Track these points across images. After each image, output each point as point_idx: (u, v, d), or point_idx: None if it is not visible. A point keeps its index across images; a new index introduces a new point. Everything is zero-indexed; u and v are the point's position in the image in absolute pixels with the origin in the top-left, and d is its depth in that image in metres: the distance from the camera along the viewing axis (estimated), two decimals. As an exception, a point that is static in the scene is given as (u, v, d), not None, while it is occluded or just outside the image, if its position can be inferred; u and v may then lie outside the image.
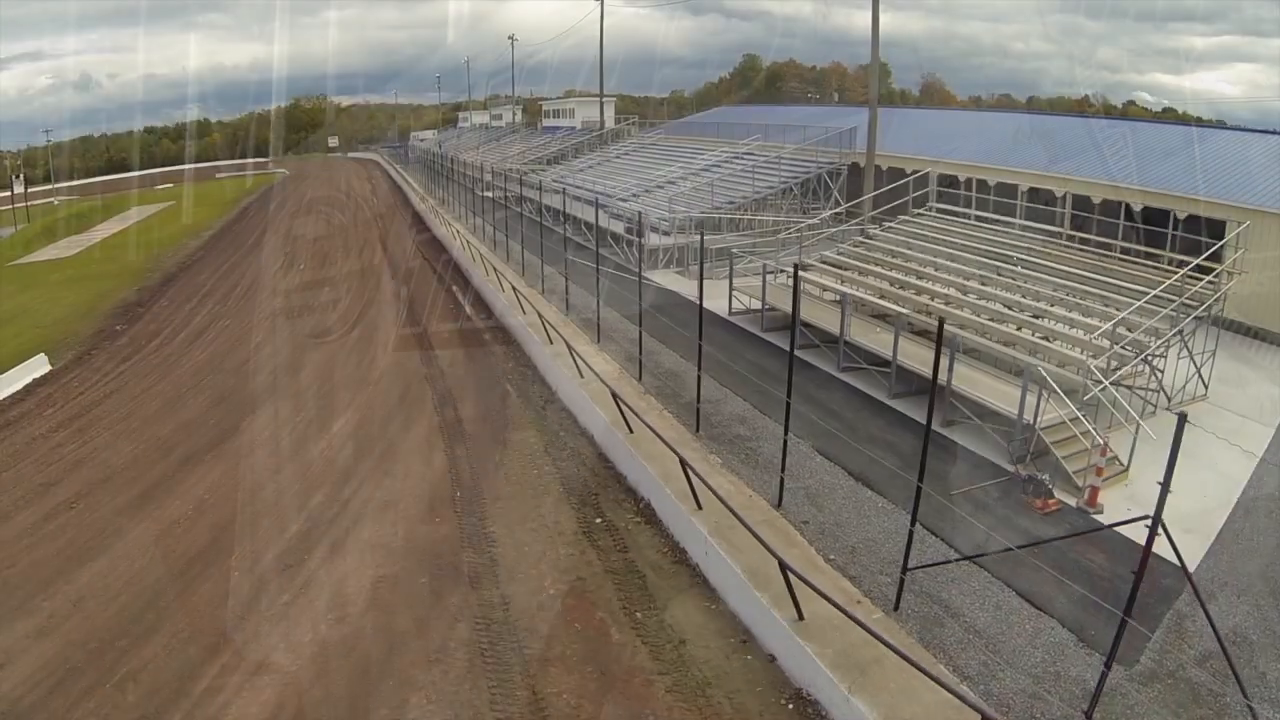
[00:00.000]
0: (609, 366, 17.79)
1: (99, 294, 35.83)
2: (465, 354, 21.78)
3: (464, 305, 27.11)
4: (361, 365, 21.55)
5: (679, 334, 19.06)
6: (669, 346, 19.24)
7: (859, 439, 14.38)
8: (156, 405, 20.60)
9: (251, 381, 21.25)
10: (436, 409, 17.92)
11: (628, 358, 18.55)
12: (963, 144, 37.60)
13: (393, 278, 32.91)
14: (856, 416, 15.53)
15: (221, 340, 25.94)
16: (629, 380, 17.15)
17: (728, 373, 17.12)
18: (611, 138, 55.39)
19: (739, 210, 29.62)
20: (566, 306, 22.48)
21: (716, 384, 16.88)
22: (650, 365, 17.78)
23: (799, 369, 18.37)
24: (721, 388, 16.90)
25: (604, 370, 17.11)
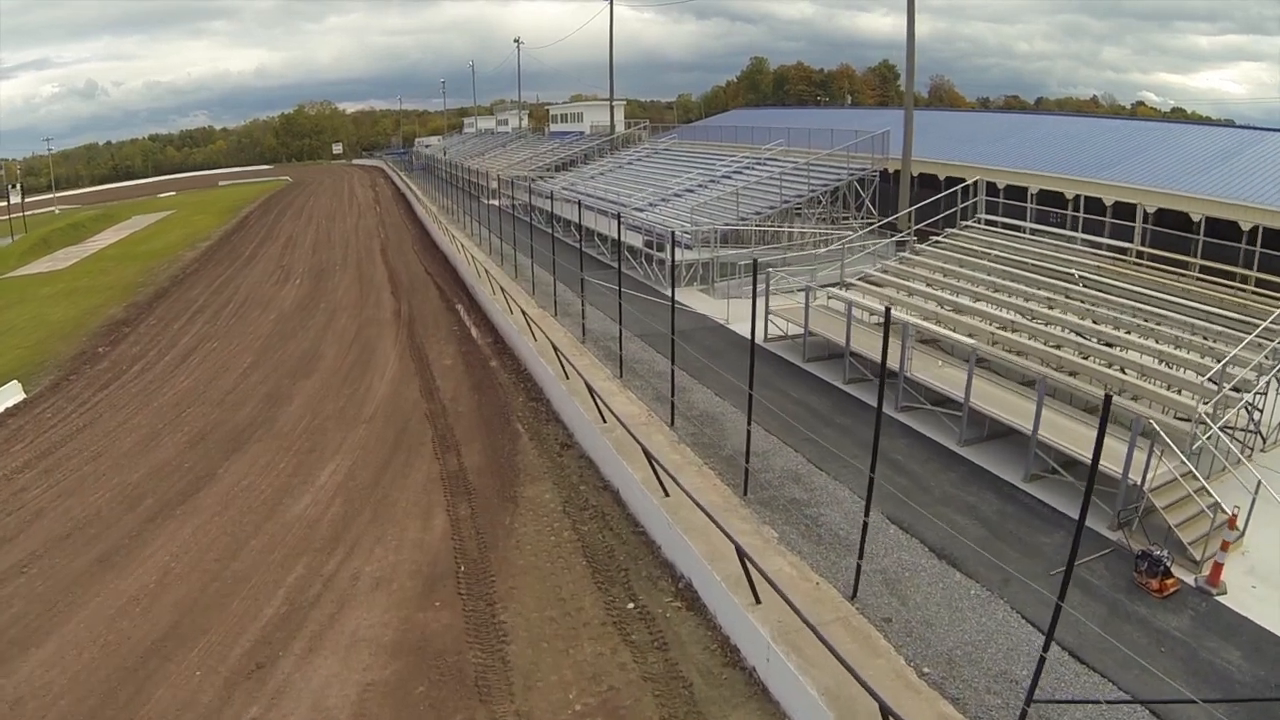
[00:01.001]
0: (634, 408, 15.64)
1: (87, 310, 33.98)
2: (470, 384, 19.67)
3: (469, 326, 25.03)
4: (356, 396, 19.46)
5: (712, 366, 16.96)
6: (701, 382, 17.13)
7: (933, 500, 12.25)
8: (131, 442, 18.55)
9: (235, 415, 19.19)
10: (437, 453, 15.82)
11: (656, 396, 16.45)
12: (999, 148, 35.49)
13: (393, 294, 30.87)
14: (925, 470, 13.36)
15: (207, 365, 23.89)
16: (659, 425, 14.99)
17: (771, 415, 14.98)
18: (622, 143, 53.34)
19: (766, 221, 27.47)
20: (583, 333, 20.32)
21: (761, 430, 14.74)
22: (682, 405, 15.62)
23: (850, 408, 16.65)
24: (767, 435, 14.75)
25: (629, 413, 14.98)
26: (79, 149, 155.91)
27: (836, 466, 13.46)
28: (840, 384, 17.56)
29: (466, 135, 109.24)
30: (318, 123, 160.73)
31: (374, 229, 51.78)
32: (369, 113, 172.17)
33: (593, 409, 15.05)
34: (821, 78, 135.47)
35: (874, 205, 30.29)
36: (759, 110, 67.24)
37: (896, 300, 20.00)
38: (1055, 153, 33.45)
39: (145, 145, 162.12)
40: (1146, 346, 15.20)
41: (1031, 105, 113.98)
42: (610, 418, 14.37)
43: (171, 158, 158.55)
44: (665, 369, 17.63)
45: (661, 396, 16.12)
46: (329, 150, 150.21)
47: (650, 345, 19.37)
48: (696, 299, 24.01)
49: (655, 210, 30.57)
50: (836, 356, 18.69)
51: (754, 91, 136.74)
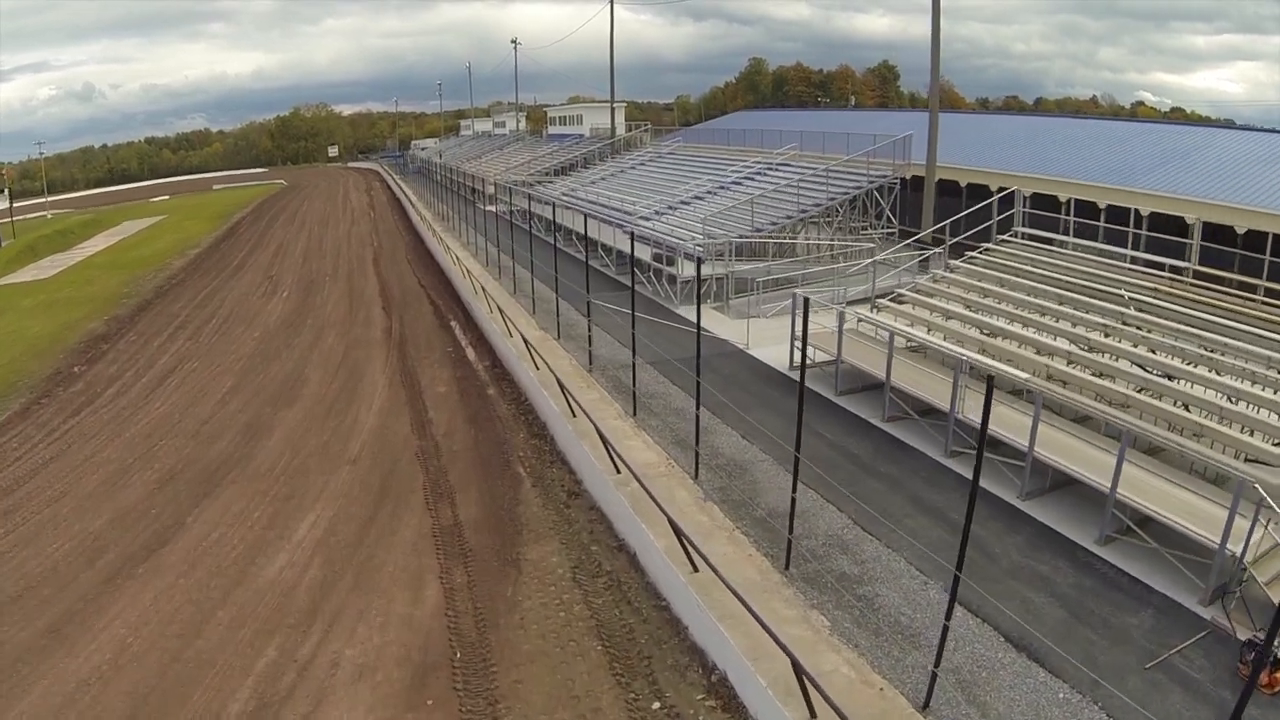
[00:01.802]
0: (651, 455, 13.97)
1: (66, 324, 32.35)
2: (466, 417, 18.02)
3: (464, 347, 23.38)
4: (341, 430, 17.80)
5: (736, 402, 15.31)
6: (724, 420, 15.45)
7: (1002, 573, 10.63)
8: (97, 481, 16.92)
9: (209, 450, 17.54)
10: (429, 503, 14.17)
11: (675, 439, 14.77)
12: (1022, 153, 33.93)
13: (384, 309, 29.22)
14: (986, 531, 11.69)
15: (185, 389, 22.25)
16: (681, 478, 13.31)
17: (806, 463, 13.33)
18: (624, 146, 51.69)
19: (782, 232, 25.84)
20: (590, 360, 18.63)
21: (784, 473, 13.14)
22: (705, 450, 13.95)
23: (894, 454, 14.44)
24: (804, 489, 13.06)
25: (646, 461, 13.32)
26: (75, 152, 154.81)
27: (887, 531, 11.80)
28: (879, 422, 15.89)
29: (463, 138, 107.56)
30: (313, 125, 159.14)
31: (367, 236, 50.14)
32: (365, 115, 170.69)
33: (604, 453, 13.39)
34: (821, 78, 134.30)
35: (894, 214, 28.67)
36: (763, 112, 65.66)
37: (934, 324, 18.46)
38: (1083, 158, 31.91)
39: (141, 148, 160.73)
40: (1219, 383, 13.57)
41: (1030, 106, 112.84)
42: (625, 468, 12.71)
43: (167, 161, 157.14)
44: (683, 405, 16.07)
45: (682, 440, 14.49)
46: (325, 153, 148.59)
47: (665, 375, 17.70)
48: (710, 319, 22.29)
49: (662, 219, 28.93)
50: (872, 388, 17.08)
51: (753, 92, 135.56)
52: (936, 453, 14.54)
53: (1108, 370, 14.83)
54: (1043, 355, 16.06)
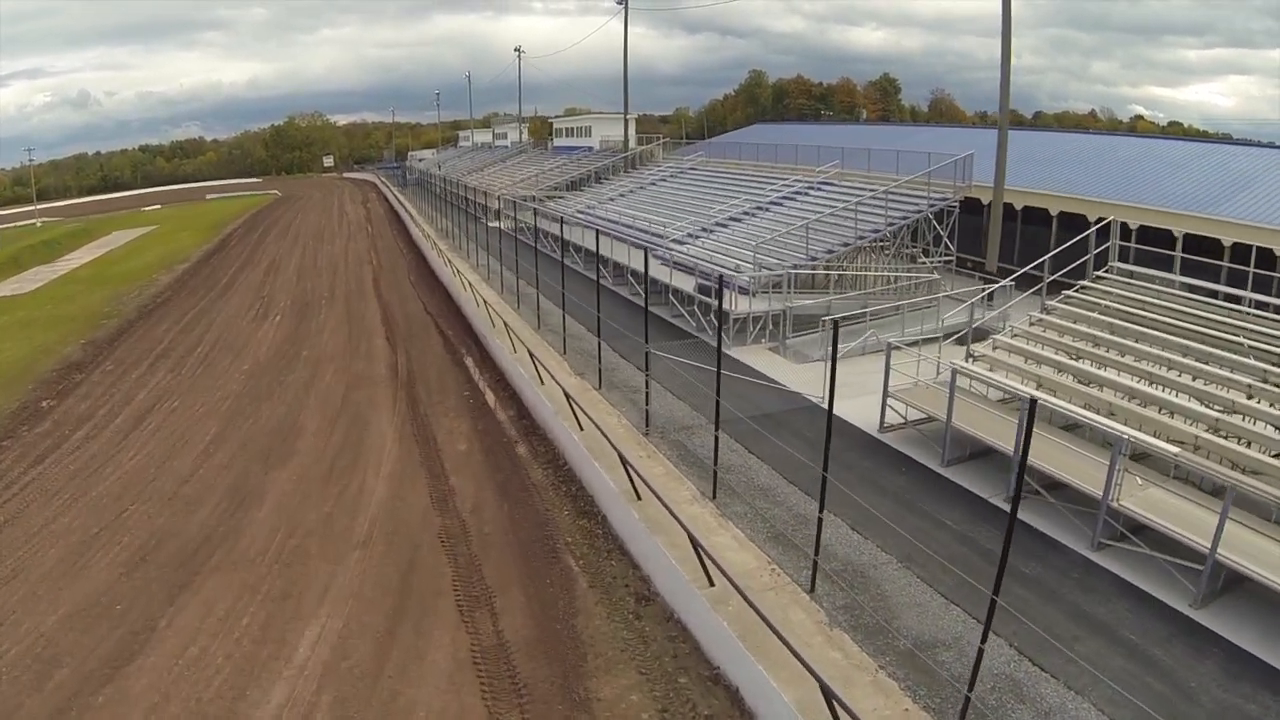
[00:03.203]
0: (747, 556, 11.15)
1: (41, 348, 29.37)
2: (495, 486, 15.12)
3: (483, 390, 20.49)
4: (344, 501, 14.89)
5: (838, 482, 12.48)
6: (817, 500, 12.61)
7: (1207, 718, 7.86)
8: (55, 557, 13.99)
9: (188, 522, 14.62)
10: (463, 610, 11.28)
11: (772, 533, 11.98)
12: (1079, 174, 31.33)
13: (387, 339, 26.32)
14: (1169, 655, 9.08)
15: (163, 435, 19.32)
16: (792, 591, 10.50)
17: (935, 562, 10.66)
18: (639, 160, 49.03)
19: (839, 261, 23.13)
20: (646, 421, 15.74)
21: (926, 586, 10.49)
22: (810, 544, 11.12)
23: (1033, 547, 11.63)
24: (947, 604, 10.37)
25: (741, 566, 10.51)
26: (68, 159, 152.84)
27: (1062, 663, 9.07)
28: (1002, 503, 13.15)
29: (462, 149, 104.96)
30: (308, 134, 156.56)
31: (365, 253, 47.26)
32: (361, 125, 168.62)
33: (682, 549, 10.61)
34: (821, 91, 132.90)
35: (952, 241, 26.00)
36: (782, 125, 63.15)
37: (1045, 379, 15.74)
38: (1149, 181, 29.34)
39: (135, 156, 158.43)
40: None
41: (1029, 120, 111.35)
42: (718, 576, 9.88)
43: (161, 169, 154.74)
44: (769, 481, 13.30)
45: (779, 534, 11.72)
46: (320, 163, 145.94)
47: (738, 440, 14.86)
48: (768, 362, 19.59)
49: (698, 243, 26.21)
50: (980, 455, 14.38)
51: (753, 105, 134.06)
52: (1081, 544, 11.90)
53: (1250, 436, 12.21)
54: (1177, 418, 13.45)
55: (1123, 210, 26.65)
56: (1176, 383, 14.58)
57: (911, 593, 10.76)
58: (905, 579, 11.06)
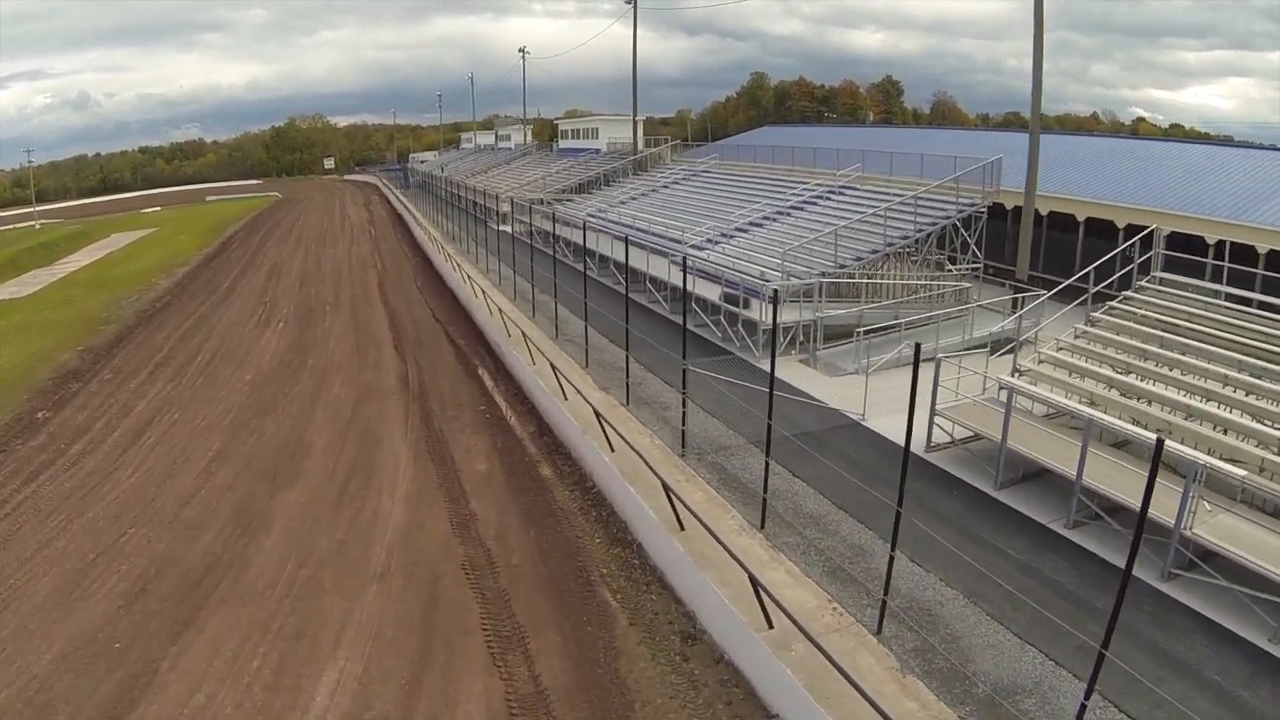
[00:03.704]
0: (805, 595, 10.23)
1: (37, 355, 28.41)
2: (520, 511, 14.16)
3: (499, 404, 19.52)
4: (358, 526, 13.95)
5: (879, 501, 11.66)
6: (880, 534, 11.76)
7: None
8: (49, 586, 13.07)
9: (190, 549, 13.67)
10: (494, 652, 10.34)
11: (829, 566, 11.09)
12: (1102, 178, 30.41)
13: (396, 348, 25.36)
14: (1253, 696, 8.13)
15: (163, 451, 18.37)
16: (859, 636, 9.56)
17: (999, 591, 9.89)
18: (649, 163, 48.13)
19: (868, 268, 22.23)
20: (683, 442, 14.77)
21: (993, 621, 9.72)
22: (872, 580, 10.24)
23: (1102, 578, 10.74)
24: (1021, 645, 9.53)
25: (802, 607, 9.57)
26: (68, 160, 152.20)
27: (1148, 708, 8.28)
28: (1062, 529, 12.30)
29: (464, 151, 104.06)
30: (309, 136, 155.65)
31: (369, 257, 46.32)
32: (361, 127, 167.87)
33: (734, 586, 9.72)
34: (824, 93, 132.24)
35: (979, 248, 25.10)
36: (792, 128, 62.19)
37: (1096, 395, 14.87)
38: (1174, 186, 28.46)
39: (135, 158, 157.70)
40: None
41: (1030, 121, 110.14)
42: (777, 616, 8.96)
43: (161, 171, 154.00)
44: (818, 509, 12.40)
45: (836, 568, 10.84)
46: (320, 165, 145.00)
47: (781, 462, 13.89)
48: (800, 375, 18.65)
49: (718, 249, 25.29)
50: (1032, 476, 13.52)
51: (755, 107, 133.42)
52: (1149, 574, 11.13)
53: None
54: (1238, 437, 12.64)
55: (1152, 216, 25.75)
56: (1232, 399, 13.75)
57: (983, 632, 9.90)
58: (974, 617, 10.21)
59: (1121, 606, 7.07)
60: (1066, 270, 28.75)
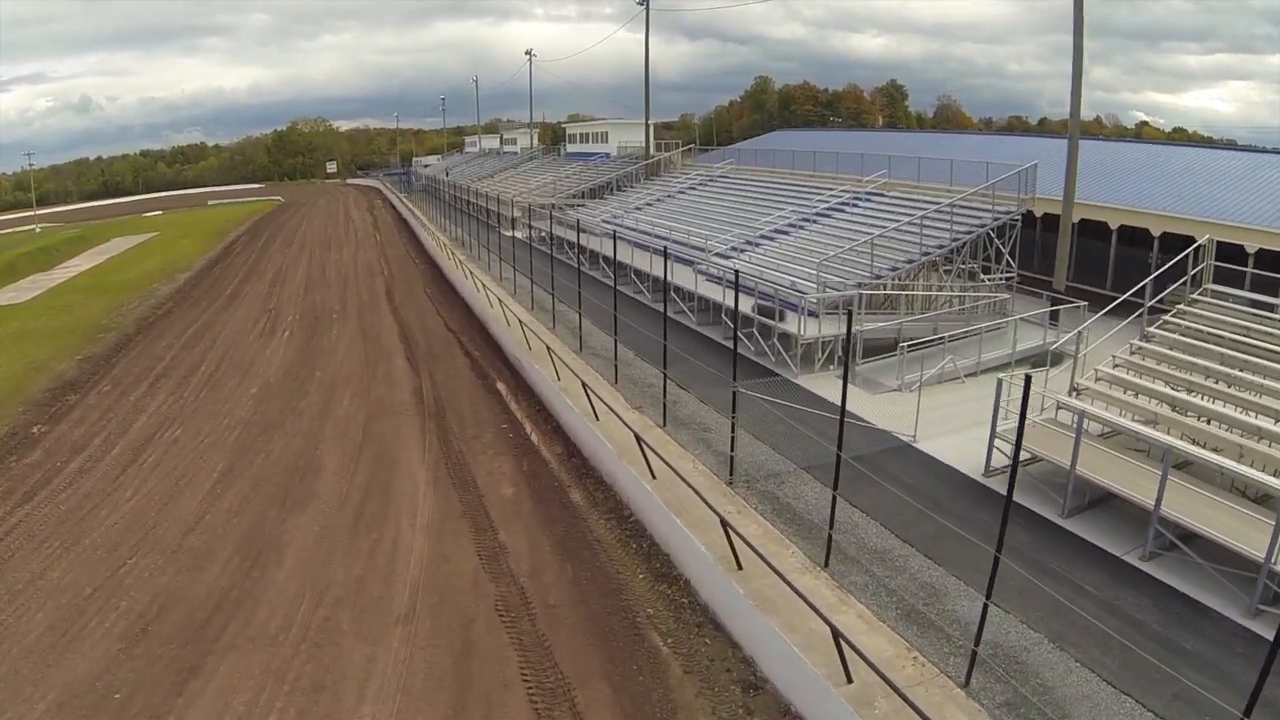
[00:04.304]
0: (882, 642, 9.24)
1: (33, 364, 27.41)
2: (553, 541, 13.08)
3: (521, 421, 18.42)
4: (377, 559, 12.89)
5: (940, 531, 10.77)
6: (947, 568, 10.81)
7: None
8: (43, 624, 12.07)
9: (195, 584, 12.63)
10: (538, 708, 9.31)
11: (903, 609, 10.08)
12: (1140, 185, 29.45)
13: (408, 360, 24.31)
14: None
15: (164, 470, 17.33)
16: (946, 690, 8.59)
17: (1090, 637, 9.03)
18: (662, 167, 47.15)
19: (905, 278, 21.21)
20: (731, 470, 13.68)
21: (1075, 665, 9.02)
22: (950, 623, 9.25)
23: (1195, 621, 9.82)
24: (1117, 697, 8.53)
25: (877, 654, 8.51)
26: (69, 164, 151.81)
27: None
28: (1138, 561, 11.43)
29: (469, 155, 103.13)
30: (311, 140, 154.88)
31: (375, 263, 45.29)
32: (363, 131, 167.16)
33: (803, 633, 8.75)
34: (828, 97, 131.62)
35: (1013, 258, 24.08)
36: (803, 132, 61.36)
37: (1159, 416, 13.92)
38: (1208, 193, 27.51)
39: (136, 161, 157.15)
40: None
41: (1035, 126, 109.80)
42: (857, 667, 7.93)
43: (162, 174, 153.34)
44: (881, 542, 11.46)
45: (910, 610, 9.86)
46: (323, 169, 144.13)
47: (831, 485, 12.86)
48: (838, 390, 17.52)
49: (744, 257, 24.26)
50: (1099, 502, 12.60)
51: (759, 111, 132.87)
52: (1233, 609, 10.22)
53: None
54: None
55: (1189, 225, 24.85)
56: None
57: (1075, 682, 9.01)
58: (1063, 664, 9.30)
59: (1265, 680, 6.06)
60: (1098, 279, 27.82)
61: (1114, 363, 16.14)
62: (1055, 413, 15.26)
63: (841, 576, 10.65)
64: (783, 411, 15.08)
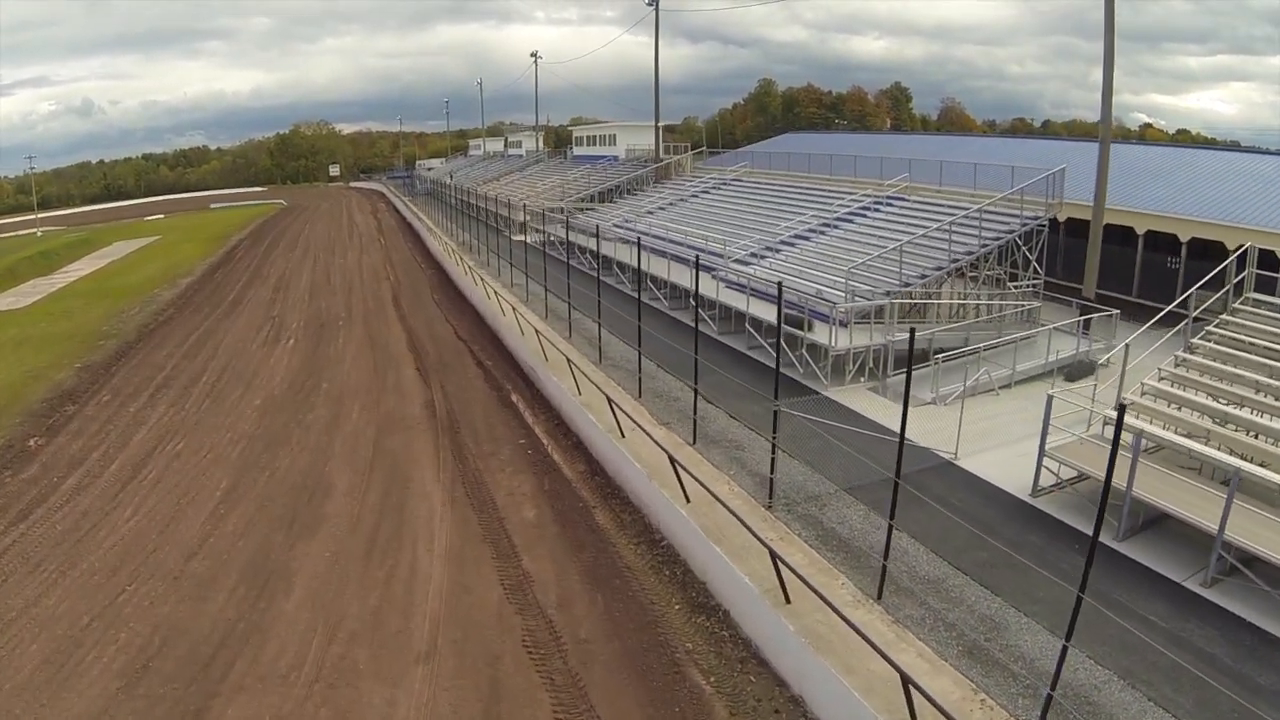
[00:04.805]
0: (944, 682, 8.47)
1: (32, 372, 26.70)
2: (581, 569, 12.29)
3: (539, 437, 17.62)
4: (394, 589, 12.10)
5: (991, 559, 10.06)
6: (1013, 604, 10.07)
7: None
8: (36, 658, 11.35)
9: (198, 615, 11.85)
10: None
11: (964, 647, 9.31)
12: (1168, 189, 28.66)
13: (418, 370, 23.53)
14: None
15: (165, 489, 16.57)
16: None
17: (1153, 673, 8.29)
18: (673, 170, 46.43)
19: (933, 286, 20.45)
20: (770, 493, 12.88)
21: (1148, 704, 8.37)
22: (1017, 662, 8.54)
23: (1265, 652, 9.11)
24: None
25: (944, 697, 7.70)
26: (71, 167, 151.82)
27: None
28: (1199, 587, 10.81)
29: (473, 158, 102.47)
30: (314, 143, 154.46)
31: (380, 268, 44.54)
32: (365, 134, 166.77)
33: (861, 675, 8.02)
34: (831, 100, 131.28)
35: (1040, 264, 23.31)
36: (814, 135, 60.66)
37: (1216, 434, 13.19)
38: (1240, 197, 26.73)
39: (138, 165, 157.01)
40: None
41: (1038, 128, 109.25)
42: (924, 709, 7.14)
43: (164, 178, 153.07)
44: (934, 570, 10.84)
45: (974, 647, 9.16)
46: (325, 172, 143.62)
47: (877, 510, 12.10)
48: (874, 405, 16.81)
49: (764, 264, 23.49)
50: (1152, 524, 12.07)
51: (762, 114, 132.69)
52: None
53: None
54: None
55: (1220, 230, 24.16)
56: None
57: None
58: (1137, 704, 8.63)
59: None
60: (1124, 286, 27.06)
61: (1159, 375, 15.45)
62: (1102, 428, 14.54)
63: (896, 610, 9.87)
64: (820, 428, 14.29)
